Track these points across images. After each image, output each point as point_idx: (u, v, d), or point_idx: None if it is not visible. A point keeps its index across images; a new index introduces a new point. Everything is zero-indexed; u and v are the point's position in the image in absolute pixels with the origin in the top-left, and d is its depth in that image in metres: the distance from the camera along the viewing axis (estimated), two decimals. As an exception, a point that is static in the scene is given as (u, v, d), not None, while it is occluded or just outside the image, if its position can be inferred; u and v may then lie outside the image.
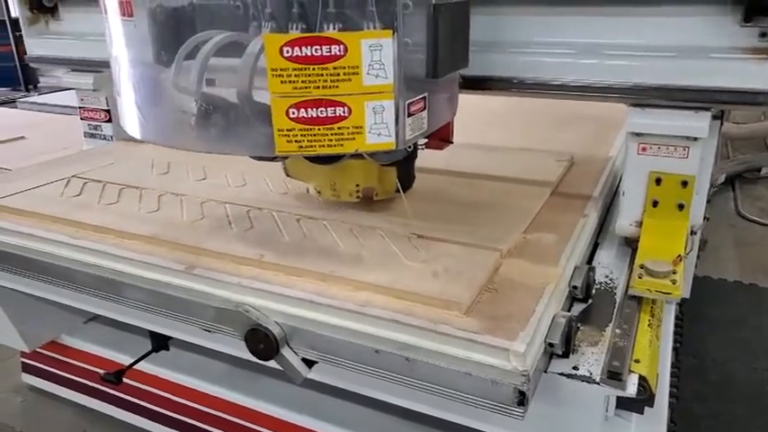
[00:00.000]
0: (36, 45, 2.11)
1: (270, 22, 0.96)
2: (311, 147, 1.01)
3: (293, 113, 0.99)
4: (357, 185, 1.37)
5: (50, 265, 1.34)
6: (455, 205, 1.43)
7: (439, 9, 1.04)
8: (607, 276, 1.30)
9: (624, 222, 1.37)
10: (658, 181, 1.30)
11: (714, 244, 3.56)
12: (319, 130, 1.00)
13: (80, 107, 2.17)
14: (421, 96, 1.08)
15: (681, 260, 1.20)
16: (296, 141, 1.01)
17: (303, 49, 0.95)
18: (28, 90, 8.64)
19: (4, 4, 8.50)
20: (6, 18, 8.49)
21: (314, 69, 0.96)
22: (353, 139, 1.01)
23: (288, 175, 1.47)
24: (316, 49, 0.95)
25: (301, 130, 1.00)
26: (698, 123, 1.22)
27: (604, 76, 1.28)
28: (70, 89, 2.16)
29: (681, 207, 1.30)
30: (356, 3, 0.95)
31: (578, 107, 2.08)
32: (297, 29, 0.95)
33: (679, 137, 1.25)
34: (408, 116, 1.05)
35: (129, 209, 1.49)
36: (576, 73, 1.30)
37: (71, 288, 1.34)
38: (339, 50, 0.95)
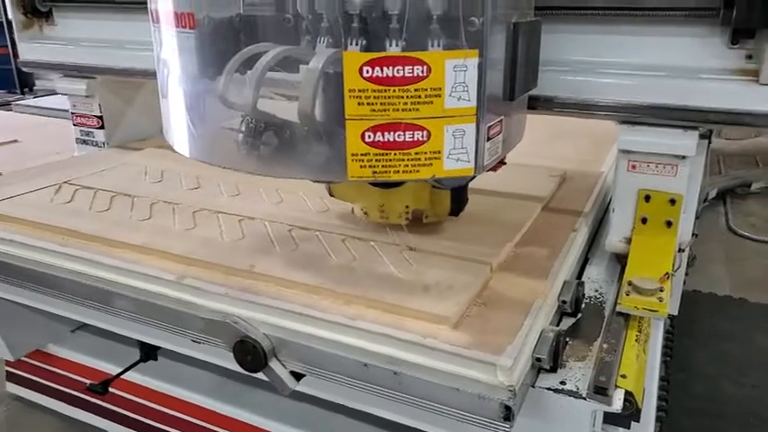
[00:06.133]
0: (29, 49, 2.09)
1: (326, 36, 0.90)
2: (386, 172, 0.95)
3: (369, 137, 0.92)
4: (407, 207, 1.30)
5: (38, 272, 1.33)
6: (447, 219, 1.44)
7: (519, 27, 0.98)
8: (596, 291, 1.31)
9: (614, 239, 1.38)
10: (647, 198, 1.31)
11: (705, 259, 3.58)
12: (395, 155, 0.94)
13: (72, 113, 2.17)
14: (498, 119, 1.03)
15: (668, 278, 1.21)
16: (370, 167, 0.94)
17: (385, 69, 0.88)
18: (23, 93, 8.62)
19: (1, 7, 8.47)
20: (4, 20, 8.47)
21: (394, 91, 0.90)
22: (431, 164, 0.95)
23: (332, 195, 1.39)
24: (398, 70, 0.89)
25: (377, 154, 0.93)
26: (686, 142, 1.23)
27: (595, 94, 1.28)
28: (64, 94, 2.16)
29: (669, 224, 1.31)
30: (434, 20, 0.89)
31: (569, 122, 2.10)
32: (356, 45, 0.89)
33: (668, 155, 1.26)
34: (487, 140, 1.00)
35: (120, 217, 1.48)
36: (569, 90, 1.30)
37: (59, 297, 1.33)
38: (422, 71, 0.89)
